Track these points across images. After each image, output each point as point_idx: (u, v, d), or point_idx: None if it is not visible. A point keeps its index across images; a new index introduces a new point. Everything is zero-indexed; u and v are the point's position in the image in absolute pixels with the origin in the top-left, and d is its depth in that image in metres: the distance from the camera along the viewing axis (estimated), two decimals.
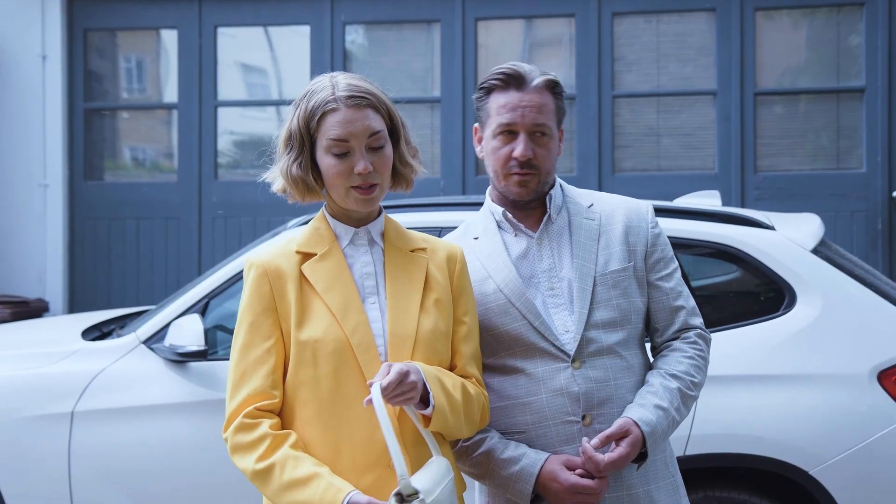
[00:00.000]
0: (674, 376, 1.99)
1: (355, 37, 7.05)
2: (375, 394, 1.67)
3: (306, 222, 3.32)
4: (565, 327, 1.98)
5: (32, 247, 6.89)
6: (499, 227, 2.09)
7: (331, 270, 1.84)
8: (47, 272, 6.90)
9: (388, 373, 1.71)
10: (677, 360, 2.02)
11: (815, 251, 3.22)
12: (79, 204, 7.00)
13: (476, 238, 2.10)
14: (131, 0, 7.00)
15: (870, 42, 6.40)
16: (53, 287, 6.89)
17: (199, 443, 3.28)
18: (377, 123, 1.82)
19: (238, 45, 7.09)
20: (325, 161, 1.82)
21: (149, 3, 6.99)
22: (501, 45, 6.89)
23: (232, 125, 7.12)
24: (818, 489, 2.97)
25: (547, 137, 2.03)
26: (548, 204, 2.06)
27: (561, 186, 2.11)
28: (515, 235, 2.07)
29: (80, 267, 6.99)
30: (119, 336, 3.59)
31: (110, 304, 6.72)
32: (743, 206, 6.27)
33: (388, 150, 1.84)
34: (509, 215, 2.07)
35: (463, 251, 2.00)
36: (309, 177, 1.84)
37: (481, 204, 3.61)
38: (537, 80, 2.02)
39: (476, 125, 2.11)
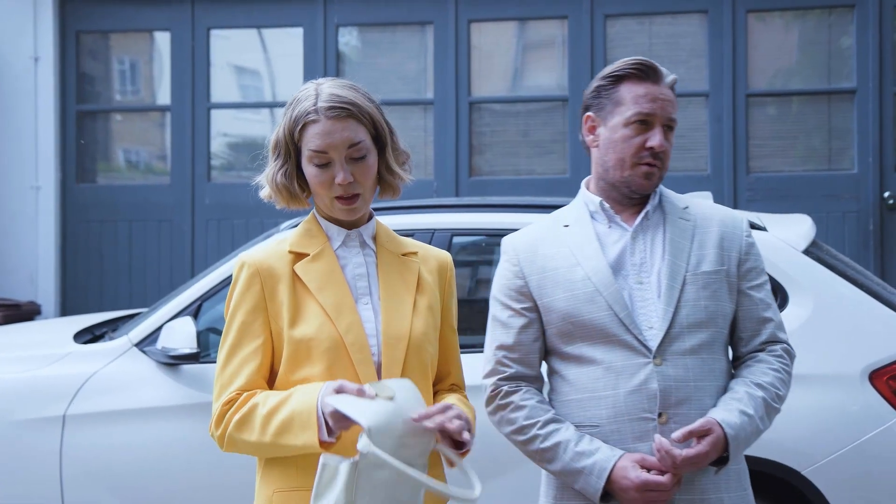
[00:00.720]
0: (759, 386, 1.97)
1: (349, 39, 7.05)
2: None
3: (298, 224, 3.31)
4: (649, 322, 1.96)
5: (24, 249, 6.87)
6: (592, 217, 2.08)
7: (323, 270, 1.85)
8: (39, 275, 6.88)
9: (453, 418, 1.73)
10: (763, 371, 2.00)
11: (807, 252, 3.23)
12: (71, 206, 6.98)
13: (566, 226, 2.08)
14: (124, 2, 6.99)
15: (860, 44, 6.42)
16: (45, 290, 6.87)
17: (191, 445, 3.27)
18: (358, 134, 1.82)
19: (231, 47, 7.08)
20: (308, 170, 1.84)
21: (141, 5, 6.98)
22: (494, 46, 6.89)
23: (225, 127, 7.12)
24: (810, 489, 2.97)
25: (672, 133, 2.04)
26: (651, 199, 2.06)
27: (659, 186, 2.12)
28: (609, 227, 2.06)
29: (72, 269, 6.97)
30: (111, 339, 3.58)
31: (103, 307, 6.71)
32: (735, 206, 6.29)
33: (371, 159, 1.85)
34: (606, 206, 2.06)
35: (452, 261, 2.01)
36: (294, 185, 1.87)
37: (474, 206, 3.63)
38: (669, 77, 2.04)
39: (590, 114, 2.08)
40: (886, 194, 6.34)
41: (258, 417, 1.75)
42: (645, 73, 2.01)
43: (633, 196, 2.05)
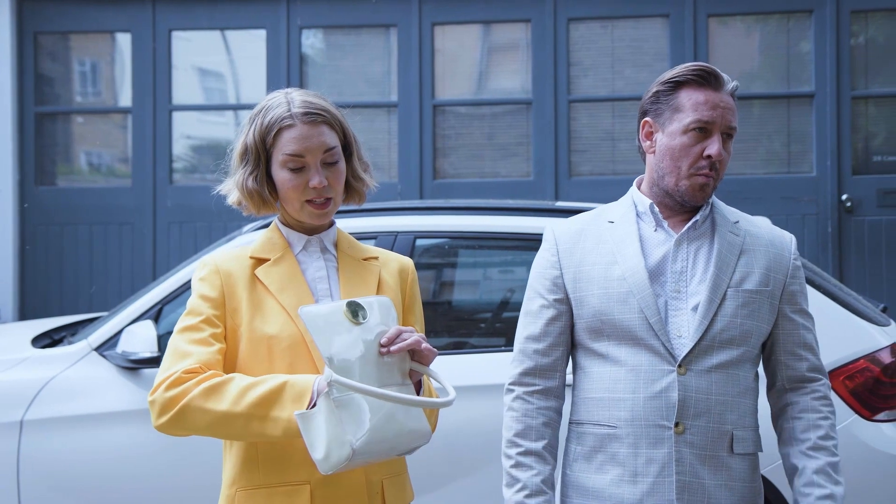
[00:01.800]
0: (823, 450, 1.99)
1: (313, 41, 7.02)
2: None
3: (265, 226, 3.30)
4: (679, 332, 1.94)
5: None
6: (638, 216, 2.05)
7: (284, 273, 1.88)
8: None
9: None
10: (826, 430, 2.01)
11: None
12: (30, 209, 6.89)
13: (611, 222, 2.06)
14: (83, 3, 6.91)
15: (819, 48, 6.53)
16: (4, 294, 6.76)
17: (151, 450, 3.24)
18: (332, 139, 1.87)
19: (193, 49, 7.03)
20: (281, 175, 1.86)
21: (101, 6, 6.90)
22: (459, 49, 6.91)
23: (187, 129, 7.06)
24: (769, 488, 3.01)
25: (731, 141, 2.02)
26: (703, 209, 2.04)
27: (712, 197, 2.09)
28: (655, 230, 2.03)
29: (31, 273, 6.87)
30: (70, 343, 3.54)
31: (62, 311, 6.62)
32: None
33: (342, 165, 1.90)
34: (656, 209, 2.03)
35: (413, 266, 2.03)
36: (265, 190, 1.89)
37: (437, 209, 3.63)
38: (731, 84, 2.01)
39: (647, 119, 2.04)
40: (844, 197, 6.44)
41: (235, 387, 1.72)
42: (705, 79, 1.98)
43: (685, 204, 2.03)
